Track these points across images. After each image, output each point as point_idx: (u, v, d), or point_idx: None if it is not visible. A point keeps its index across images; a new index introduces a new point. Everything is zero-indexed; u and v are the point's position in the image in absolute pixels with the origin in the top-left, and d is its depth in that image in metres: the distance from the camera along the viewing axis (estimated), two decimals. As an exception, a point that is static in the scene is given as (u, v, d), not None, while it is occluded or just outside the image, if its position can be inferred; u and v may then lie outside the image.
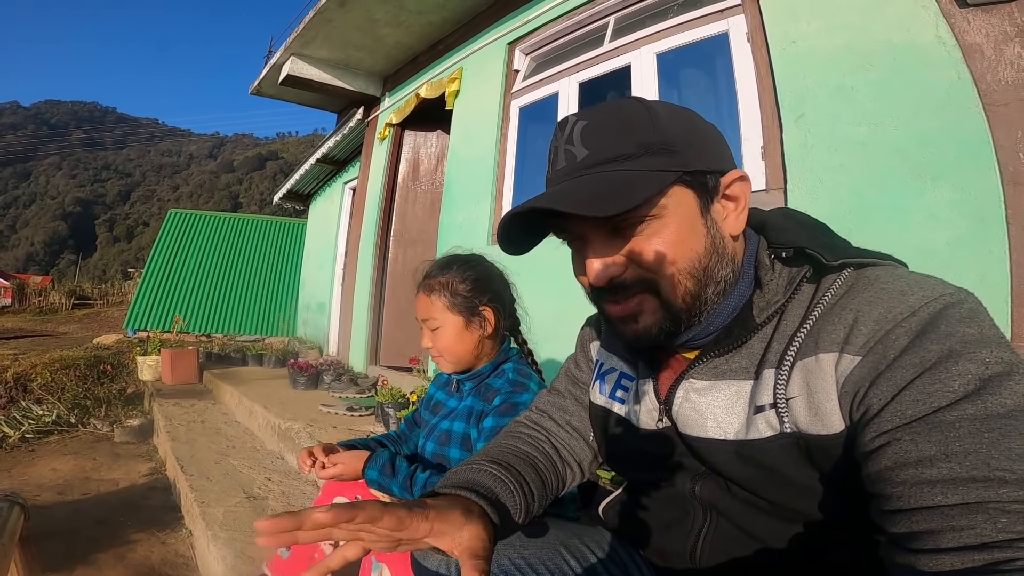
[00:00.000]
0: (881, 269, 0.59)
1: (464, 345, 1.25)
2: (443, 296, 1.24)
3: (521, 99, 3.44)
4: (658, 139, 0.59)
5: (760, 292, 0.64)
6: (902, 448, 0.49)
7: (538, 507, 0.73)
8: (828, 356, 0.56)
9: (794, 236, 0.64)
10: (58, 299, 22.72)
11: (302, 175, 7.37)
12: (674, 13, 2.62)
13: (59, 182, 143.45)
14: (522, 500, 0.68)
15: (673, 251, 0.60)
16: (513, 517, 0.65)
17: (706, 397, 0.67)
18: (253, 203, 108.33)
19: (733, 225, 0.64)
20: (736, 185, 0.64)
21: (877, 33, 1.86)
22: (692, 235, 0.61)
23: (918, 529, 0.46)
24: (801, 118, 2.04)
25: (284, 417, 3.02)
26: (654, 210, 0.60)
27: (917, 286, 0.55)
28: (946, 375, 0.48)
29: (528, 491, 0.71)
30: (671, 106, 0.64)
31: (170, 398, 4.46)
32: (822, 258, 0.60)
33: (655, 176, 0.59)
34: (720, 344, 0.66)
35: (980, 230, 1.61)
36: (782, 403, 0.60)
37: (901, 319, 0.53)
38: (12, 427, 3.79)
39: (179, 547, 2.09)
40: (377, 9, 3.96)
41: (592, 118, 0.62)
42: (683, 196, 0.61)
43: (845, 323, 0.56)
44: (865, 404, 0.53)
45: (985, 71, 1.59)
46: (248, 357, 6.21)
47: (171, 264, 9.88)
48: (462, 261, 1.29)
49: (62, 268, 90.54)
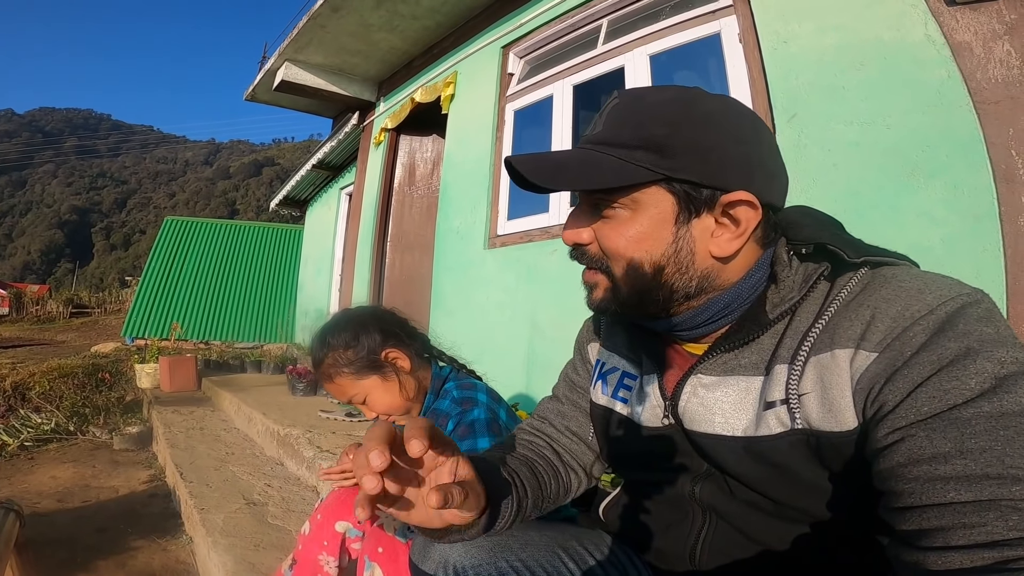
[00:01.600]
0: (897, 268, 0.59)
1: (396, 396, 1.21)
2: (342, 372, 1.19)
3: (516, 102, 3.45)
4: (659, 137, 0.59)
5: (775, 288, 0.63)
6: (916, 444, 0.49)
7: (532, 505, 0.73)
8: (844, 352, 0.56)
9: (814, 233, 0.63)
10: (56, 308, 22.67)
11: (298, 181, 7.37)
12: (666, 15, 2.63)
13: (55, 190, 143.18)
14: (512, 490, 0.68)
15: (628, 245, 0.62)
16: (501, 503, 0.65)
17: (714, 392, 0.66)
18: (250, 209, 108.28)
19: (721, 247, 0.62)
20: (740, 209, 0.60)
21: (867, 33, 1.87)
22: (654, 238, 0.61)
23: (928, 526, 0.46)
24: (794, 118, 2.05)
25: (283, 423, 3.02)
26: (627, 201, 0.62)
27: (935, 285, 0.54)
28: (963, 372, 0.48)
29: (520, 484, 0.71)
30: (717, 109, 0.61)
31: (169, 405, 4.45)
32: (844, 254, 0.59)
33: (630, 170, 0.60)
34: (730, 339, 0.65)
35: (974, 227, 1.62)
36: (794, 399, 0.59)
37: (919, 317, 0.53)
38: (11, 435, 3.78)
39: (180, 554, 2.08)
40: (371, 14, 3.97)
41: (624, 99, 0.64)
42: (661, 199, 0.61)
43: (862, 319, 0.56)
44: (880, 401, 0.53)
45: (975, 69, 1.60)
46: (247, 364, 6.21)
47: (168, 272, 9.89)
48: (329, 331, 1.23)
49: (59, 277, 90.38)
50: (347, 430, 2.96)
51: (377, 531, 1.20)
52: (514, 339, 3.05)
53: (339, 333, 1.21)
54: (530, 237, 3.09)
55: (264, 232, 10.97)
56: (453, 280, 3.72)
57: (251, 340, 9.10)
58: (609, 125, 0.63)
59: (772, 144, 0.65)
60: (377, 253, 4.82)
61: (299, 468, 2.64)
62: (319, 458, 2.43)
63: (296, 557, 1.36)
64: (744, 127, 0.62)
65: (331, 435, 2.80)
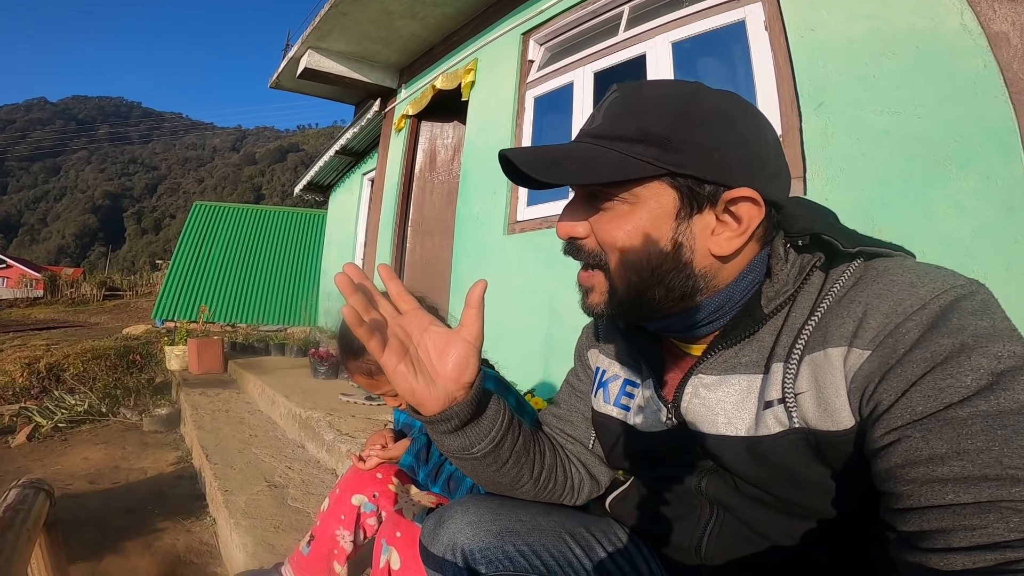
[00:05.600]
0: (891, 260, 0.58)
1: None
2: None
3: (536, 89, 3.42)
4: (662, 131, 0.58)
5: (769, 281, 0.62)
6: (913, 445, 0.48)
7: (524, 442, 0.76)
8: (837, 351, 0.55)
9: (808, 223, 0.62)
10: (89, 290, 23.35)
11: (322, 167, 7.45)
12: (689, 1, 2.57)
13: (88, 176, 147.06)
14: (504, 412, 0.73)
15: (627, 240, 0.61)
16: (489, 403, 0.71)
17: (716, 392, 0.65)
18: (275, 194, 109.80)
19: (722, 245, 0.61)
20: (742, 205, 0.59)
21: (899, 21, 1.81)
22: (654, 234, 0.61)
23: (929, 528, 0.46)
24: (821, 106, 2.00)
25: (305, 406, 3.08)
26: (627, 195, 0.61)
27: (928, 277, 0.53)
28: (957, 370, 0.47)
29: (516, 418, 0.75)
30: (721, 105, 0.60)
31: (196, 387, 4.58)
32: (838, 243, 0.58)
33: (631, 164, 0.59)
34: (728, 336, 0.64)
35: (1007, 219, 1.57)
36: (790, 398, 0.58)
37: (911, 312, 0.51)
38: (45, 416, 3.93)
39: (203, 535, 2.15)
40: (391, 2, 3.97)
41: (624, 93, 0.63)
42: (663, 193, 0.60)
43: (854, 316, 0.55)
44: (875, 400, 0.52)
45: (1012, 59, 1.54)
46: (271, 346, 6.34)
47: (197, 255, 10.08)
48: None
49: (93, 260, 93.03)
50: (367, 413, 3.02)
51: (396, 516, 1.23)
52: (532, 325, 3.06)
53: None
54: (549, 223, 3.08)
55: (289, 217, 11.11)
56: (472, 265, 3.73)
57: (276, 323, 9.27)
58: (609, 119, 0.62)
59: (775, 142, 0.63)
60: (398, 238, 4.85)
61: (319, 451, 2.70)
62: (339, 441, 2.48)
63: (314, 533, 1.40)
64: (748, 124, 0.61)
65: (351, 418, 2.85)
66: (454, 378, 0.65)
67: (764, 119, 0.63)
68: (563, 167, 0.62)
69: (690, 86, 0.62)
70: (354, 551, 1.37)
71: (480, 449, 0.70)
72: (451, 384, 0.65)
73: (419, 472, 1.25)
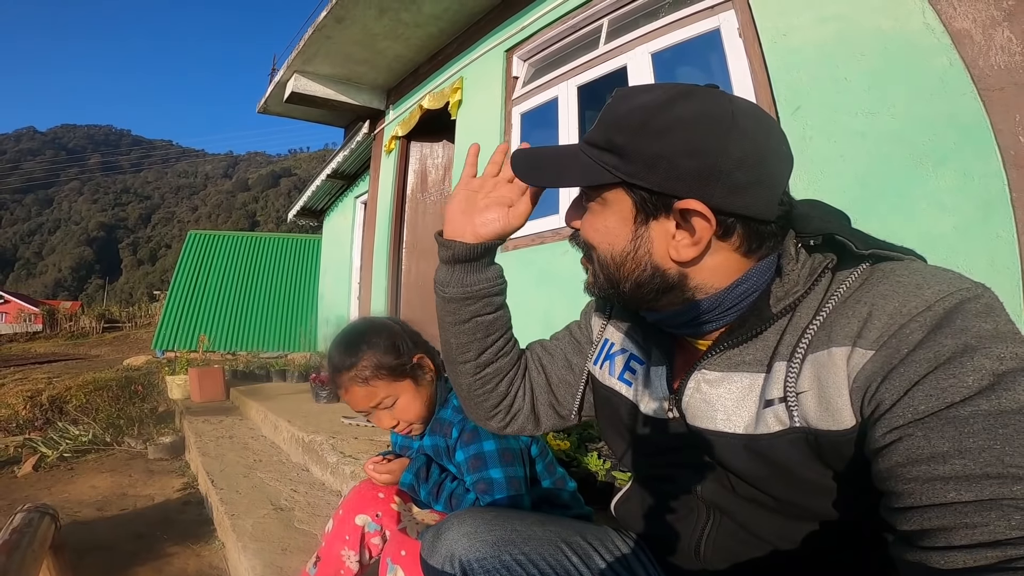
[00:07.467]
0: (897, 263, 0.58)
1: (424, 402, 1.24)
2: (379, 375, 1.20)
3: (522, 105, 3.48)
4: (622, 141, 0.61)
5: (779, 281, 0.63)
6: (914, 444, 0.48)
7: (483, 340, 0.84)
8: (840, 350, 0.55)
9: (822, 224, 0.62)
10: (88, 323, 23.32)
11: (314, 191, 7.49)
12: (665, 12, 2.63)
13: (81, 207, 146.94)
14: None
15: (597, 237, 0.68)
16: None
17: (717, 388, 0.65)
18: (270, 220, 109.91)
19: (680, 252, 0.62)
20: (695, 219, 0.60)
21: (866, 22, 1.86)
22: (616, 234, 0.65)
23: (930, 526, 0.46)
24: (798, 111, 2.05)
25: (307, 430, 3.09)
26: (600, 198, 0.66)
27: (933, 280, 0.53)
28: (960, 370, 0.47)
29: (500, 315, 0.85)
30: (685, 118, 0.59)
31: (199, 415, 4.57)
32: (852, 245, 0.59)
33: (596, 171, 0.64)
34: (734, 334, 0.65)
35: (986, 214, 1.60)
36: (792, 397, 0.59)
37: (916, 313, 0.51)
38: (50, 447, 3.93)
39: (213, 559, 2.16)
40: (374, 23, 4.02)
41: (613, 100, 0.67)
42: (623, 200, 0.64)
43: (859, 316, 0.55)
44: (877, 399, 0.52)
45: (976, 56, 1.58)
46: (272, 373, 6.32)
47: (194, 285, 10.09)
48: (360, 333, 1.23)
49: (90, 293, 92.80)
50: (369, 435, 3.02)
51: (400, 535, 1.24)
52: (527, 340, 3.08)
53: (373, 336, 1.22)
54: (542, 239, 3.12)
55: (284, 243, 11.13)
56: (467, 284, 3.75)
57: (276, 350, 9.25)
58: (596, 125, 0.66)
59: (746, 156, 0.59)
60: (393, 260, 4.88)
61: (323, 473, 2.71)
62: (343, 463, 2.49)
63: (320, 554, 1.41)
64: (708, 138, 0.58)
65: (354, 440, 2.86)
66: (478, 223, 0.80)
67: (737, 133, 0.59)
68: (542, 170, 0.70)
69: (669, 94, 0.61)
70: (360, 571, 1.38)
71: (450, 293, 0.80)
72: (469, 226, 0.80)
73: (420, 491, 1.26)
